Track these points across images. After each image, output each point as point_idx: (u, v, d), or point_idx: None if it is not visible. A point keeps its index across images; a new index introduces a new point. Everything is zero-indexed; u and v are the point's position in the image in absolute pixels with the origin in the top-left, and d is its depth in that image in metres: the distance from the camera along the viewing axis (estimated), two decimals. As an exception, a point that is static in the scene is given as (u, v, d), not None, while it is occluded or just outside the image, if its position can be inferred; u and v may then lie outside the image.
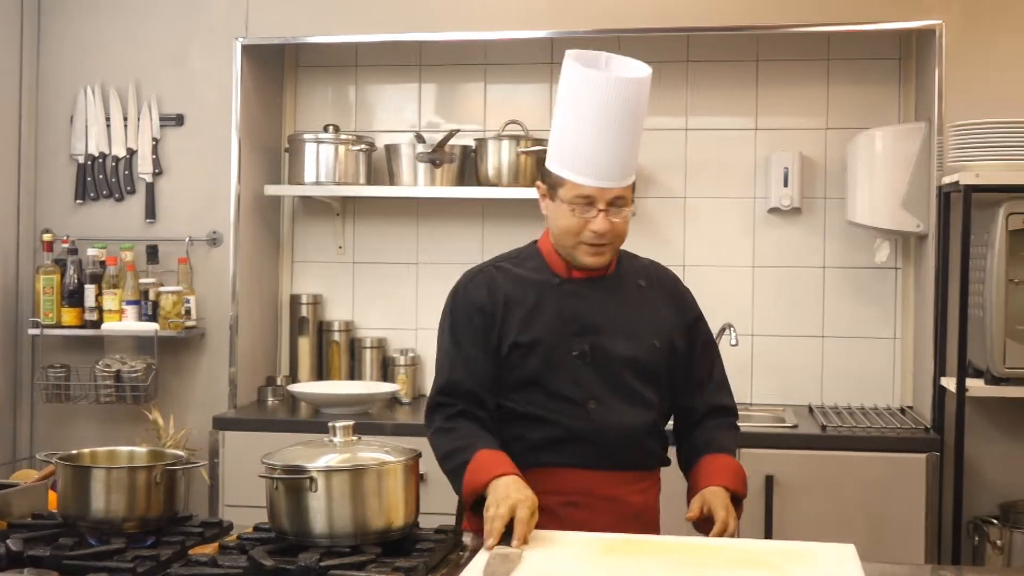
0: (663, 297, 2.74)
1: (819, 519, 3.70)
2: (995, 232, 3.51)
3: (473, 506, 2.51)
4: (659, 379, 2.67)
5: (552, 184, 2.60)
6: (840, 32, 4.20)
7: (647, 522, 2.64)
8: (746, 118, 4.41)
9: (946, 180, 3.75)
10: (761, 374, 4.41)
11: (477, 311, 2.65)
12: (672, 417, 2.78)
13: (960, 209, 3.56)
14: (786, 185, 4.31)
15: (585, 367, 2.60)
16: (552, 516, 2.52)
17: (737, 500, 2.57)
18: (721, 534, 2.44)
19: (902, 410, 4.16)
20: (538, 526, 2.40)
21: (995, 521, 3.63)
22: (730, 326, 4.22)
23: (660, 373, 2.67)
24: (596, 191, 2.54)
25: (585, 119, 2.53)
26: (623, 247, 2.71)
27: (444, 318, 2.73)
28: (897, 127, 4.10)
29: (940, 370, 3.80)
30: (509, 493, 2.39)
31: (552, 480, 2.57)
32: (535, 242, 2.76)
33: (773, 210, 4.36)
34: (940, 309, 3.81)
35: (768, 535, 3.69)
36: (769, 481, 3.71)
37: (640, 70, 2.58)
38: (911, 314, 4.26)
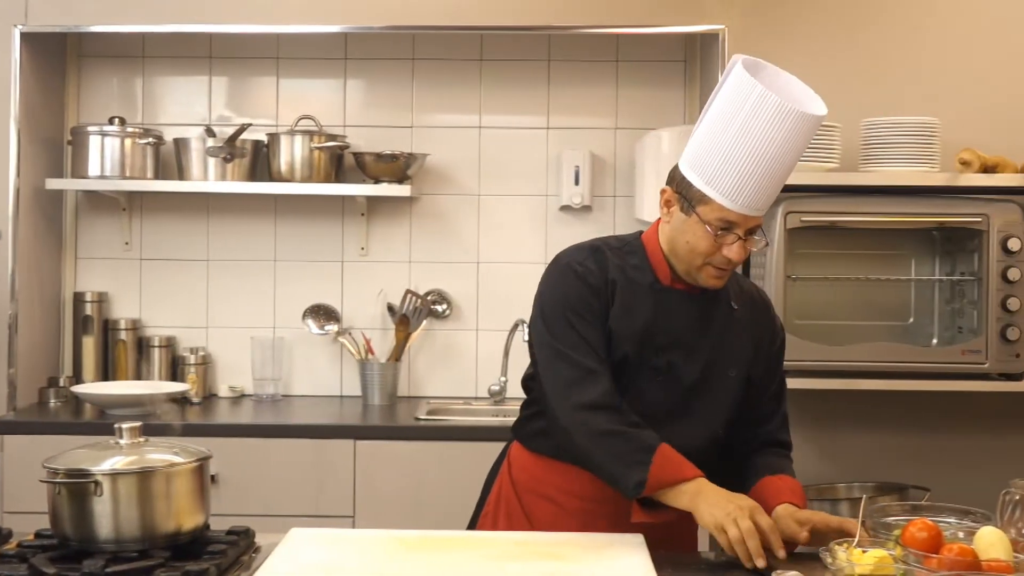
0: (753, 324, 2.60)
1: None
2: (774, 230, 3.64)
3: (641, 500, 2.38)
4: (726, 408, 2.55)
5: (690, 197, 2.41)
6: (628, 35, 4.31)
7: (679, 542, 2.54)
8: (538, 117, 4.48)
9: (729, 180, 3.88)
10: (553, 369, 4.47)
11: (593, 293, 2.48)
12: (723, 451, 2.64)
13: (742, 208, 3.68)
14: (577, 183, 4.39)
15: (659, 382, 2.49)
16: (572, 518, 2.49)
17: None
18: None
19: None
20: (561, 527, 2.42)
21: (775, 507, 3.77)
22: (523, 322, 4.28)
23: (729, 402, 2.55)
24: (741, 218, 2.38)
25: (750, 143, 2.34)
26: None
27: (554, 298, 2.54)
28: (683, 128, 4.22)
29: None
30: (731, 502, 2.29)
31: (580, 482, 2.49)
32: (639, 234, 2.59)
33: (564, 208, 4.44)
34: (723, 304, 3.94)
35: (560, 527, 3.75)
36: (561, 474, 3.77)
37: (818, 107, 2.41)
38: (696, 309, 4.39)
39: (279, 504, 3.76)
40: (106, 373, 4.37)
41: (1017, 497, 2.28)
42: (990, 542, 2.06)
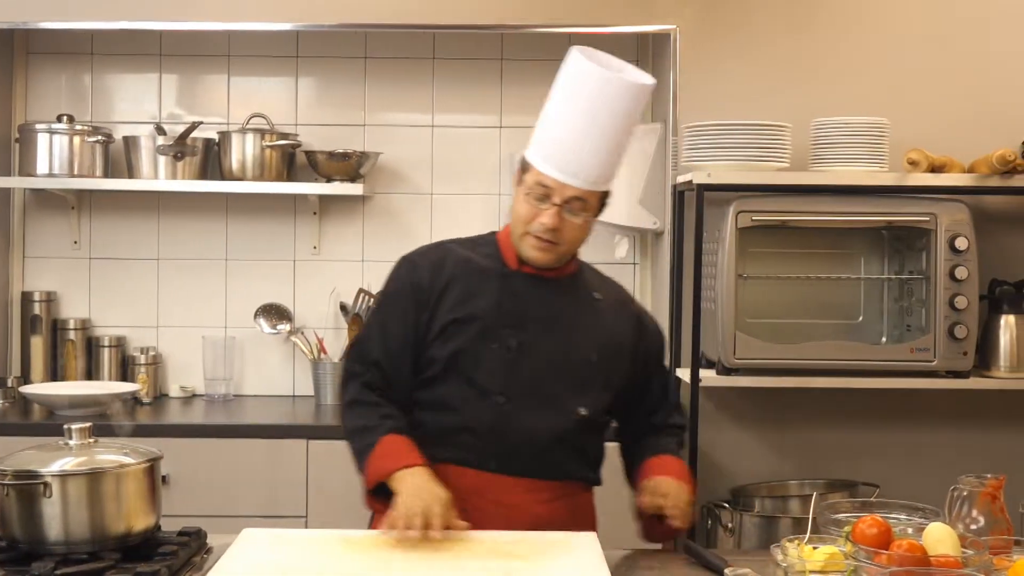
0: (617, 316, 2.67)
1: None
2: (725, 229, 3.67)
3: (373, 489, 2.46)
4: (588, 392, 2.59)
5: (523, 169, 2.55)
6: (581, 34, 4.31)
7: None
8: (491, 116, 4.48)
9: (680, 179, 3.91)
10: (506, 368, 4.47)
11: (413, 288, 2.57)
12: (620, 443, 2.75)
13: (694, 207, 3.71)
14: (530, 182, 4.39)
15: (508, 361, 2.52)
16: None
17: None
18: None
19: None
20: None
21: (726, 505, 3.80)
22: (476, 321, 4.28)
23: (591, 386, 2.59)
24: (556, 184, 2.47)
25: (569, 110, 2.48)
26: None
27: (384, 284, 2.66)
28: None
29: (675, 361, 3.95)
30: (421, 489, 2.35)
31: (443, 477, 2.46)
32: (493, 232, 2.69)
33: (517, 207, 4.43)
34: (675, 303, 3.97)
35: (514, 526, 3.76)
36: (514, 473, 3.77)
37: (642, 78, 2.51)
38: (648, 308, 4.41)
39: (231, 504, 3.73)
40: (55, 373, 4.33)
41: (965, 493, 2.31)
42: (938, 538, 2.08)
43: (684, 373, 3.79)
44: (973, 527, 2.27)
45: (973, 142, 3.83)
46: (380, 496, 2.46)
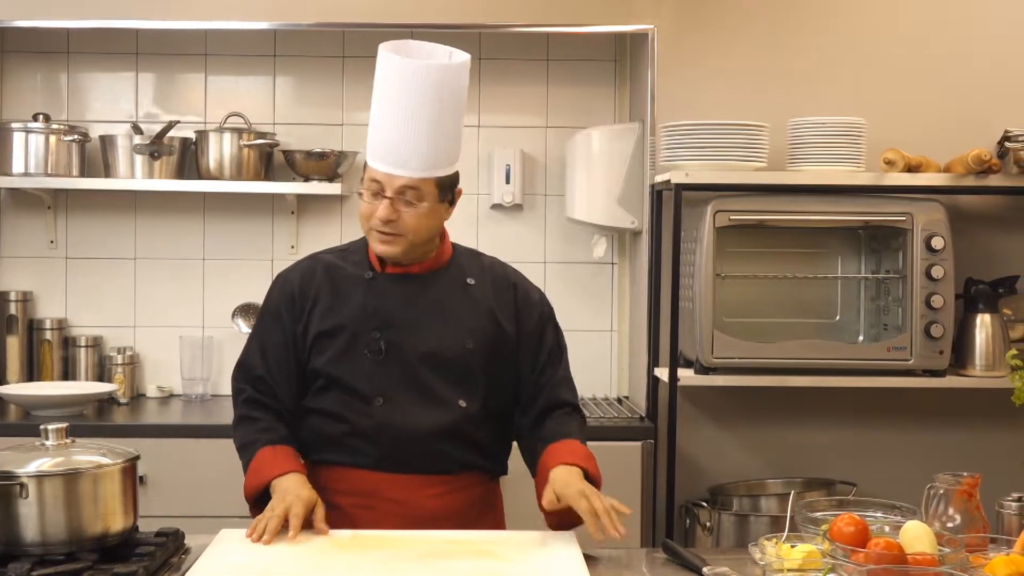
0: (495, 298, 2.69)
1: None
2: (703, 229, 3.68)
3: (256, 503, 2.51)
4: (469, 381, 2.61)
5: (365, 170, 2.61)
6: (558, 33, 4.32)
7: (449, 528, 2.54)
8: (469, 115, 4.43)
9: (658, 179, 3.91)
10: (485, 367, 4.47)
11: (287, 300, 2.64)
12: (515, 429, 2.74)
13: (671, 206, 3.72)
14: (508, 182, 4.40)
15: (378, 363, 2.57)
16: (344, 516, 2.51)
17: (592, 483, 2.47)
18: (595, 514, 2.31)
19: (619, 400, 4.32)
20: (332, 526, 2.40)
21: (704, 504, 3.81)
22: (454, 320, 4.28)
23: (472, 375, 2.61)
24: (384, 177, 2.54)
25: (385, 104, 2.54)
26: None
27: (263, 301, 2.73)
28: (613, 127, 4.25)
29: (654, 361, 3.96)
30: (287, 492, 2.41)
31: (340, 480, 2.57)
32: (365, 239, 2.70)
33: (496, 206, 4.44)
34: (653, 302, 3.97)
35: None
36: (493, 472, 3.77)
37: (450, 57, 2.57)
38: (627, 307, 4.42)
39: (209, 505, 3.71)
40: (31, 373, 4.30)
41: (942, 491, 2.32)
42: (915, 535, 2.09)
43: (663, 373, 3.80)
44: (950, 525, 2.29)
45: (949, 142, 3.86)
46: (259, 510, 2.51)
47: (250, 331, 2.75)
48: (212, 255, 4.42)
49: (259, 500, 2.53)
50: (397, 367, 2.58)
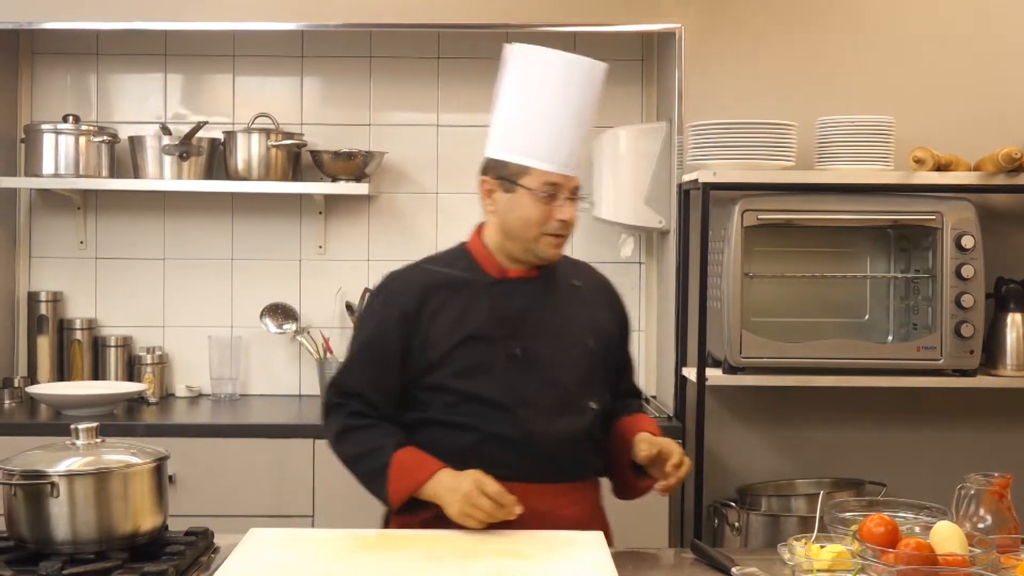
0: (598, 297, 2.68)
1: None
2: (731, 228, 3.66)
3: (401, 509, 2.46)
4: (594, 382, 2.59)
5: (509, 175, 2.51)
6: (585, 33, 4.31)
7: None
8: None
9: (686, 178, 3.90)
10: (512, 367, 4.46)
11: (399, 314, 2.52)
12: None
13: (699, 206, 3.71)
14: (535, 181, 4.39)
15: (517, 370, 2.50)
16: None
17: None
18: (679, 467, 2.42)
19: (647, 400, 4.31)
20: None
21: (733, 504, 3.80)
22: (482, 320, 4.29)
23: (595, 376, 2.59)
24: (562, 178, 2.49)
25: (550, 103, 2.49)
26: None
27: (362, 315, 2.65)
28: (640, 127, 4.24)
29: (681, 360, 3.95)
30: (460, 482, 2.35)
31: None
32: (463, 244, 2.66)
33: (523, 206, 4.43)
34: (681, 302, 3.96)
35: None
36: (520, 472, 3.77)
37: (595, 61, 2.55)
38: (654, 307, 4.41)
39: (238, 504, 3.73)
40: (61, 373, 4.33)
41: (972, 491, 2.30)
42: (946, 536, 2.08)
43: (691, 372, 3.79)
44: (980, 525, 2.27)
45: (979, 140, 3.83)
46: (406, 512, 2.47)
47: (351, 343, 2.65)
48: (240, 255, 4.44)
49: (405, 506, 2.46)
50: (533, 373, 2.51)
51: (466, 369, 2.49)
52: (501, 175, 2.54)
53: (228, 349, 4.32)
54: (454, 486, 2.36)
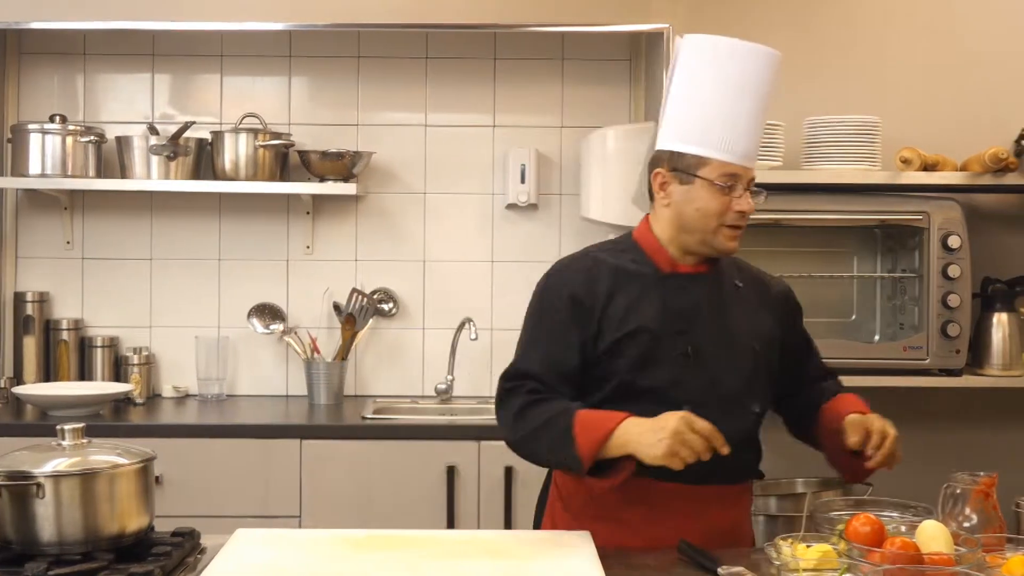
0: (760, 298, 2.61)
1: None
2: (719, 228, 3.66)
3: (592, 470, 2.36)
4: (758, 385, 2.53)
5: (686, 167, 2.45)
6: (573, 33, 4.32)
7: (738, 538, 2.51)
8: (484, 115, 4.48)
9: (674, 178, 3.90)
10: (500, 367, 4.40)
11: (569, 300, 2.47)
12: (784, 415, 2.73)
13: (687, 206, 3.70)
14: (523, 182, 4.40)
15: (687, 368, 2.44)
16: (629, 530, 2.43)
17: None
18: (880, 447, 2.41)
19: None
20: (614, 541, 2.36)
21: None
22: (470, 320, 4.29)
23: (760, 378, 2.53)
24: (741, 169, 2.44)
25: (727, 93, 2.45)
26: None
27: (532, 304, 2.56)
28: (628, 126, 4.24)
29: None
30: (665, 421, 2.26)
31: (630, 491, 2.41)
32: (629, 234, 2.60)
33: (511, 206, 4.44)
34: (669, 302, 3.96)
35: (508, 526, 3.76)
36: (509, 472, 3.78)
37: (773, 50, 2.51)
38: (642, 307, 4.41)
39: (225, 505, 3.73)
40: (48, 374, 4.32)
41: (958, 491, 2.31)
42: (932, 535, 2.09)
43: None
44: (966, 525, 2.28)
45: (965, 140, 3.85)
46: (597, 474, 2.37)
47: (523, 332, 2.56)
48: (228, 255, 4.44)
49: (595, 469, 2.36)
50: (700, 371, 2.46)
51: (635, 360, 2.44)
52: (677, 167, 2.48)
53: (215, 349, 4.31)
54: (658, 426, 2.26)
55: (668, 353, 2.45)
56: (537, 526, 2.68)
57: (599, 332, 2.46)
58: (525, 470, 3.80)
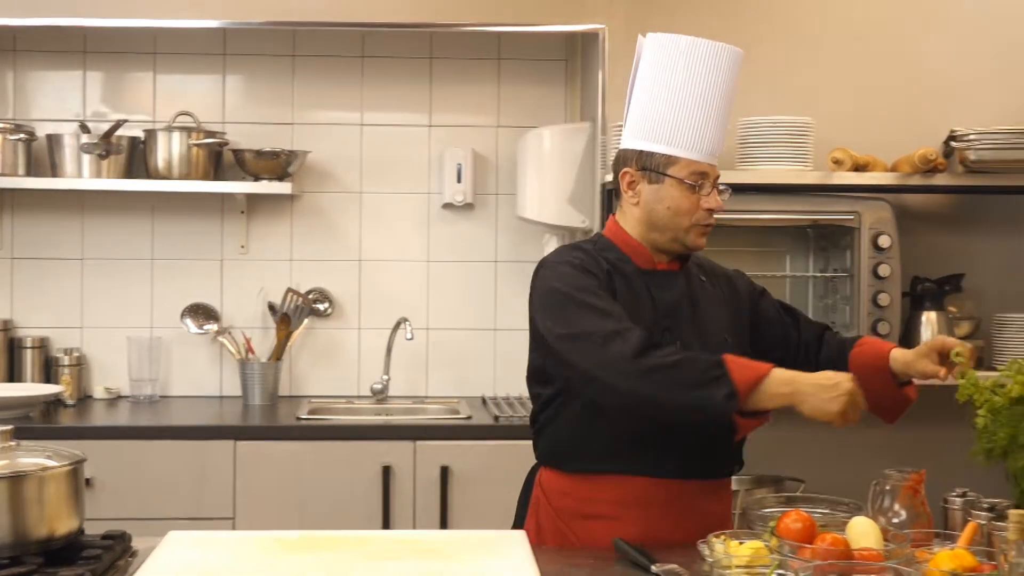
0: (723, 291, 2.63)
1: (494, 507, 3.79)
2: (654, 228, 3.68)
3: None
4: None
5: (655, 166, 2.47)
6: (510, 33, 4.32)
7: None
8: (420, 115, 4.47)
9: (609, 178, 3.92)
10: (436, 367, 4.48)
11: (597, 280, 2.44)
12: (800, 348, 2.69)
13: (622, 206, 3.72)
14: (459, 181, 4.40)
15: None
16: (622, 527, 2.42)
17: None
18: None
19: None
20: (606, 538, 2.36)
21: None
22: (405, 320, 4.28)
23: None
24: (709, 167, 2.48)
25: (694, 92, 2.47)
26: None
27: (551, 294, 2.45)
28: (564, 126, 4.25)
29: (605, 360, 3.96)
30: (839, 379, 2.27)
31: (622, 489, 2.44)
32: (600, 234, 2.60)
33: (447, 205, 4.44)
34: (604, 301, 3.98)
35: (444, 525, 3.76)
36: (445, 472, 3.77)
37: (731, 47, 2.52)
38: (578, 306, 4.42)
39: (157, 507, 3.70)
40: (-24, 375, 4.26)
41: (887, 487, 2.34)
42: (862, 531, 2.11)
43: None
44: (895, 520, 2.31)
45: (896, 142, 3.89)
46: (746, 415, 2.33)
47: (569, 321, 2.40)
48: (161, 255, 4.39)
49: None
50: None
51: None
52: (646, 166, 2.50)
53: (147, 350, 4.27)
54: (831, 383, 2.27)
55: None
56: (519, 526, 2.68)
57: None
58: (461, 469, 3.80)
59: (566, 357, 2.39)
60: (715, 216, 2.52)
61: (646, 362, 2.30)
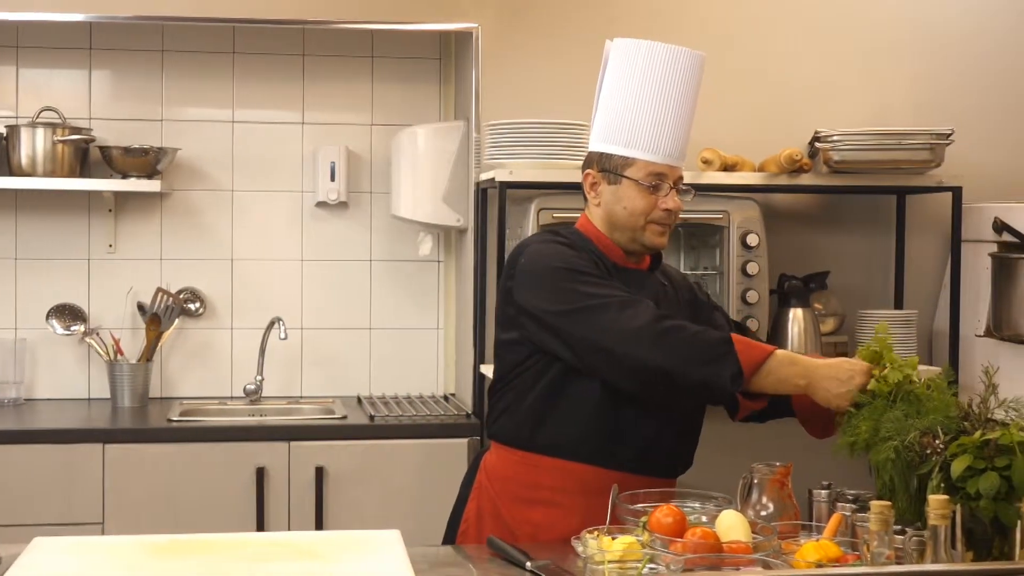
0: (685, 297, 2.70)
1: (370, 507, 3.79)
2: (527, 226, 3.71)
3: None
4: None
5: (614, 167, 2.55)
6: (383, 30, 4.31)
7: None
8: (293, 112, 4.43)
9: (483, 176, 3.94)
10: (310, 367, 4.44)
11: (581, 253, 2.52)
12: None
13: (496, 204, 3.75)
14: (333, 179, 4.37)
15: None
16: (565, 513, 2.46)
17: None
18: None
19: (446, 397, 4.34)
20: (549, 522, 2.40)
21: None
22: (279, 320, 4.24)
23: None
24: (667, 168, 2.52)
25: (653, 94, 2.52)
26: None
27: (549, 268, 2.50)
28: (438, 125, 4.26)
29: (480, 358, 3.98)
30: (853, 365, 2.35)
31: (569, 477, 2.50)
32: (574, 229, 2.63)
33: (320, 204, 4.41)
34: (479, 300, 3.99)
35: (319, 526, 3.74)
36: (320, 472, 3.75)
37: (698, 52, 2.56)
38: (453, 305, 4.44)
39: (23, 513, 3.61)
40: None
41: (755, 480, 2.40)
42: (730, 524, 2.16)
43: (488, 369, 3.82)
44: (763, 513, 2.36)
45: (763, 142, 3.98)
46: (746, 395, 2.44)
47: (575, 294, 2.45)
48: (25, 254, 4.28)
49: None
50: None
51: None
52: (605, 167, 2.58)
53: (12, 352, 4.16)
54: (845, 374, 2.36)
55: None
56: (459, 511, 2.69)
57: None
58: (337, 469, 3.78)
59: (569, 331, 2.45)
60: (679, 216, 2.60)
61: (662, 326, 2.38)
